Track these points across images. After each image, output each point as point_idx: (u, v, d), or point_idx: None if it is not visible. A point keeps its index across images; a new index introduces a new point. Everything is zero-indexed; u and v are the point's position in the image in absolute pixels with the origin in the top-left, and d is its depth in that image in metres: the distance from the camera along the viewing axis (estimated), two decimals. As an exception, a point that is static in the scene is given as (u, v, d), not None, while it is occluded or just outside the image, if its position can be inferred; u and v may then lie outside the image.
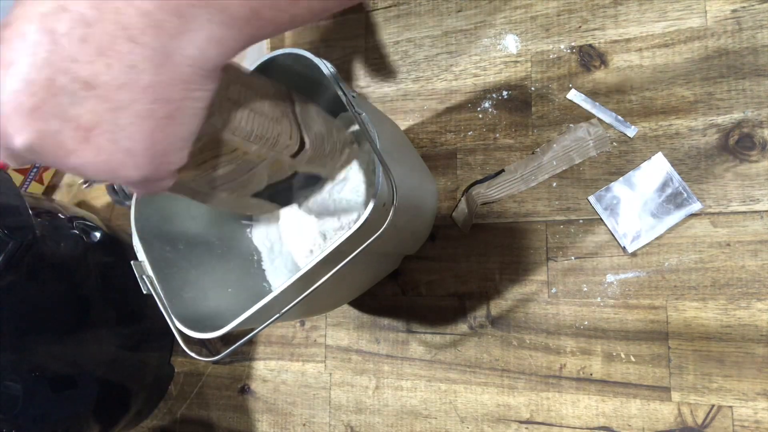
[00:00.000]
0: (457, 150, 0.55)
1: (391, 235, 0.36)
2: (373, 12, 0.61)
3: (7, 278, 0.48)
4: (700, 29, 0.47)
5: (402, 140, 0.50)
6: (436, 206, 0.54)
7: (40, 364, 0.50)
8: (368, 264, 0.46)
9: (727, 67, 0.46)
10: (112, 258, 0.59)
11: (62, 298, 0.53)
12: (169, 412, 0.65)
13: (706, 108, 0.47)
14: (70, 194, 0.75)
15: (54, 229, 0.55)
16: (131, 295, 0.59)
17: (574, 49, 0.51)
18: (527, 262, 0.51)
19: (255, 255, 0.54)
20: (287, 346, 0.60)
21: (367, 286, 0.54)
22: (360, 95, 0.41)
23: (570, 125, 0.50)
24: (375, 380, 0.55)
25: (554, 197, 0.50)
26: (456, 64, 0.56)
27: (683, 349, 0.45)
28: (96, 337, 0.55)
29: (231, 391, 0.62)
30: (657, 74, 0.48)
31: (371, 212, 0.34)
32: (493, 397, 0.50)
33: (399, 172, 0.38)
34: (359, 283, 0.51)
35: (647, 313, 0.46)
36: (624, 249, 0.47)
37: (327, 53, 0.62)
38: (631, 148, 0.48)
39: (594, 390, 0.47)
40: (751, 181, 0.45)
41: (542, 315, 0.49)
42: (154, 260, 0.43)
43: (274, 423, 0.59)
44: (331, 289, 0.39)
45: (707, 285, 0.45)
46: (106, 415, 0.59)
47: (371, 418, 0.55)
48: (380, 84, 0.59)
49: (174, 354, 0.65)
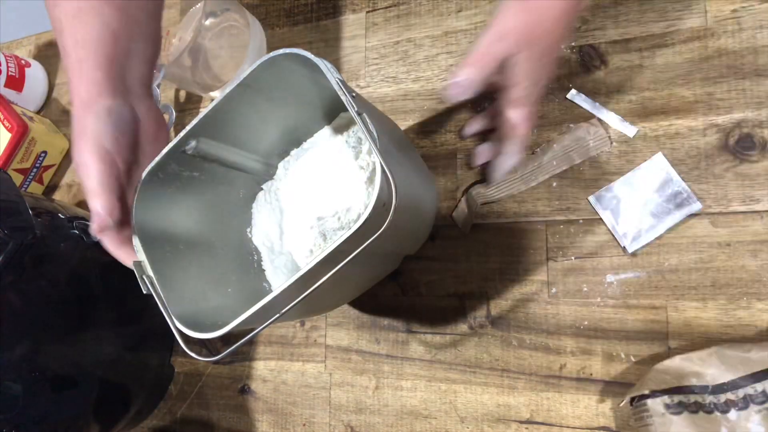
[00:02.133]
0: (457, 150, 0.54)
1: (391, 235, 0.36)
2: (373, 12, 0.61)
3: (7, 278, 0.48)
4: (700, 29, 0.47)
5: (402, 140, 0.50)
6: (436, 206, 0.54)
7: (40, 364, 0.50)
8: (368, 264, 0.46)
9: (727, 67, 0.46)
10: (112, 258, 0.59)
11: (62, 298, 0.53)
12: (169, 412, 0.65)
13: (706, 108, 0.47)
14: (70, 194, 0.75)
15: (54, 229, 0.55)
16: (131, 295, 0.58)
17: (574, 49, 0.51)
18: (527, 262, 0.51)
19: (255, 255, 0.54)
20: (287, 346, 0.60)
21: (368, 286, 0.54)
22: (359, 95, 0.41)
23: (570, 125, 0.50)
24: (375, 380, 0.55)
25: (554, 197, 0.50)
26: (456, 64, 0.56)
27: (683, 349, 0.45)
28: (96, 337, 0.55)
29: (231, 391, 0.62)
30: (657, 74, 0.48)
31: (371, 212, 0.34)
32: (493, 397, 0.50)
33: (399, 172, 0.38)
34: (360, 283, 0.51)
35: (647, 313, 0.46)
36: (624, 249, 0.47)
37: (327, 53, 0.62)
38: (631, 148, 0.48)
39: (594, 390, 0.47)
40: (751, 181, 0.45)
41: (542, 315, 0.49)
42: (154, 260, 0.43)
43: (274, 423, 0.59)
44: (331, 289, 0.39)
45: (707, 285, 0.45)
46: (106, 415, 0.59)
47: (371, 418, 0.55)
48: (380, 84, 0.59)
49: (174, 354, 0.65)
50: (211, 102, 0.43)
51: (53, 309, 0.52)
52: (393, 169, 0.35)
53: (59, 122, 0.78)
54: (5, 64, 0.74)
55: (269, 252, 0.54)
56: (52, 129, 0.76)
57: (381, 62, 0.59)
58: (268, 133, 0.51)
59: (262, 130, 0.50)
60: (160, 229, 0.46)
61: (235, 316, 0.37)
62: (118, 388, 0.59)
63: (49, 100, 0.80)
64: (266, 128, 0.50)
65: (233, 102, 0.43)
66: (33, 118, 0.74)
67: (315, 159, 0.52)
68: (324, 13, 0.63)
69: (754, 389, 0.39)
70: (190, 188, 0.48)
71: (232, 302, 0.49)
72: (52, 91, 0.80)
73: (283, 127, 0.51)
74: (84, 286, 0.55)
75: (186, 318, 0.40)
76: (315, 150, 0.53)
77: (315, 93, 0.47)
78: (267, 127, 0.50)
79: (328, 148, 0.52)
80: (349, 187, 0.49)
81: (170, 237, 0.47)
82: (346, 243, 0.35)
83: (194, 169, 0.47)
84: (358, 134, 0.51)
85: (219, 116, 0.43)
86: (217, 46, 0.63)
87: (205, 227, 0.51)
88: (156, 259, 0.43)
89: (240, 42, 0.63)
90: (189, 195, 0.48)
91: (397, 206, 0.34)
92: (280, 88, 0.44)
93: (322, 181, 0.51)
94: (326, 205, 0.50)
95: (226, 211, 0.53)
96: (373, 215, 0.34)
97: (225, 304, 0.48)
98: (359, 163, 0.49)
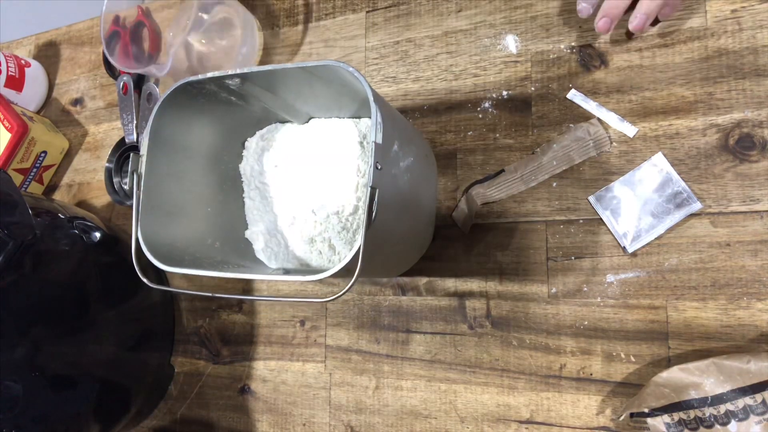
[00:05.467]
0: (457, 150, 0.55)
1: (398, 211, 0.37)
2: (373, 12, 0.61)
3: (7, 278, 0.48)
4: (700, 29, 0.47)
5: (413, 132, 0.51)
6: (435, 206, 0.54)
7: (40, 364, 0.50)
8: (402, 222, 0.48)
9: (727, 67, 0.46)
10: (112, 258, 0.59)
11: (62, 298, 0.53)
12: (169, 412, 0.65)
13: (706, 108, 0.47)
14: (70, 194, 0.75)
15: (54, 229, 0.55)
16: (131, 295, 0.59)
17: (574, 49, 0.51)
18: (527, 262, 0.51)
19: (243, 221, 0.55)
20: (287, 346, 0.60)
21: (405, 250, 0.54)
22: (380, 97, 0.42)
23: (570, 125, 0.50)
24: (375, 380, 0.55)
25: (554, 197, 0.50)
26: (456, 64, 0.56)
27: (683, 349, 0.45)
28: (96, 337, 0.55)
29: (231, 391, 0.62)
30: (657, 74, 0.48)
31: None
32: (493, 397, 0.50)
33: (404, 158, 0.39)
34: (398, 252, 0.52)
35: (647, 313, 0.46)
36: (624, 249, 0.47)
37: (327, 53, 0.62)
38: (631, 148, 0.48)
39: (594, 390, 0.47)
40: (751, 181, 0.45)
41: (542, 315, 0.49)
42: (155, 169, 0.47)
43: (274, 423, 0.59)
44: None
45: (707, 285, 0.45)
46: (106, 415, 0.59)
47: (371, 418, 0.55)
48: (380, 84, 0.59)
49: (174, 354, 0.65)
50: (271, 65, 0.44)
51: (53, 309, 0.52)
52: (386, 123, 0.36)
53: (59, 122, 0.78)
54: (5, 64, 0.74)
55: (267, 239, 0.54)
56: (52, 129, 0.76)
57: (381, 62, 0.59)
58: (308, 104, 0.52)
59: (309, 95, 0.51)
60: (174, 137, 0.48)
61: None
62: (118, 388, 0.59)
63: (49, 100, 0.80)
64: (311, 97, 0.51)
65: (289, 76, 0.45)
66: (33, 118, 0.74)
67: (317, 143, 0.53)
68: (324, 13, 0.63)
69: (753, 400, 0.39)
70: (218, 111, 0.51)
71: (214, 252, 0.51)
72: (52, 91, 0.80)
73: (321, 104, 0.52)
74: (84, 286, 0.55)
75: (156, 247, 0.41)
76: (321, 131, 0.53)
77: (349, 93, 0.48)
78: (311, 97, 0.51)
79: (336, 132, 0.52)
80: (343, 178, 0.49)
81: (181, 148, 0.49)
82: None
83: (232, 94, 0.49)
84: (359, 126, 0.51)
85: (272, 76, 0.45)
86: (210, 40, 0.63)
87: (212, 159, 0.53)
88: (156, 170, 0.46)
89: (233, 35, 0.63)
90: (212, 117, 0.51)
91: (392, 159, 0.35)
92: (329, 78, 0.46)
93: (319, 170, 0.51)
94: (322, 193, 0.50)
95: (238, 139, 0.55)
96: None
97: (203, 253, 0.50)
98: (358, 162, 0.49)
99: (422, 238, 0.52)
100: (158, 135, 0.47)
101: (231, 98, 0.50)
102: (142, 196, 0.45)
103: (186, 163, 0.51)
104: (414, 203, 0.47)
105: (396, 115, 0.46)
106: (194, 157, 0.52)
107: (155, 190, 0.47)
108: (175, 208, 0.49)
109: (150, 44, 0.65)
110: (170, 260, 0.43)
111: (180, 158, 0.50)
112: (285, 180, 0.53)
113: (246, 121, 0.54)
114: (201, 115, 0.50)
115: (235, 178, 0.55)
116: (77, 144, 0.76)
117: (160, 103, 0.46)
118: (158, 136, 0.47)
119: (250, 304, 0.62)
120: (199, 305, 0.65)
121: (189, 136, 0.50)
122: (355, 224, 0.49)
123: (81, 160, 0.75)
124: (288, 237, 0.52)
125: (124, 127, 0.69)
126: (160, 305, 0.64)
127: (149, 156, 0.46)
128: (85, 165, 0.75)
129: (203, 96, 0.48)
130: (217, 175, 0.54)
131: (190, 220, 0.50)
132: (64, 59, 0.80)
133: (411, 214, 0.48)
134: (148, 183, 0.46)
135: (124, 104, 0.69)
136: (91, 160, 0.74)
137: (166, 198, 0.48)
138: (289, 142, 0.54)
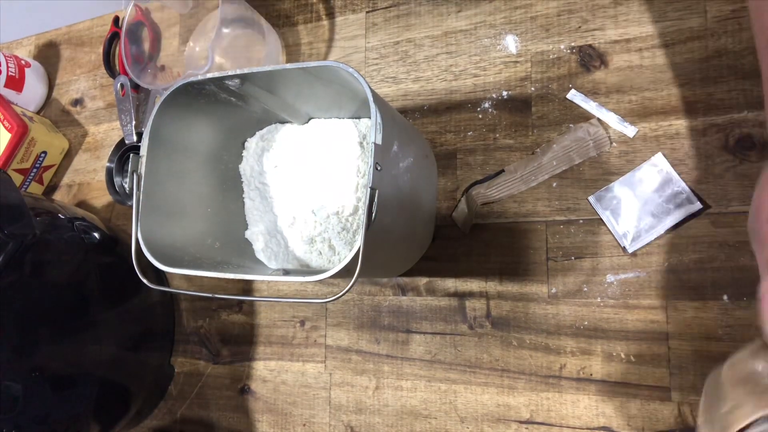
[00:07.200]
0: (457, 150, 0.55)
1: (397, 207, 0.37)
2: (373, 12, 0.61)
3: (7, 278, 0.48)
4: (700, 29, 0.47)
5: (413, 133, 0.51)
6: (435, 206, 0.54)
7: (40, 364, 0.50)
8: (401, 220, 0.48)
9: (727, 67, 0.46)
10: (112, 258, 0.59)
11: (62, 298, 0.53)
12: (169, 412, 0.65)
13: (706, 108, 0.47)
14: (70, 194, 0.75)
15: (54, 229, 0.55)
16: (131, 296, 0.59)
17: (574, 49, 0.51)
18: (527, 262, 0.51)
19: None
20: (287, 346, 0.60)
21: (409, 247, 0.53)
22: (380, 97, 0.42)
23: (570, 125, 0.50)
24: (375, 380, 0.55)
25: (554, 197, 0.50)
26: (456, 64, 0.56)
27: (683, 349, 0.45)
28: (96, 337, 0.55)
29: (231, 391, 0.62)
30: (657, 74, 0.48)
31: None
32: (493, 397, 0.50)
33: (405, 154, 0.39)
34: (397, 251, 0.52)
35: (647, 313, 0.46)
36: (624, 249, 0.47)
37: (327, 53, 0.62)
38: (631, 148, 0.48)
39: (594, 390, 0.47)
40: (751, 181, 0.45)
41: (542, 315, 0.49)
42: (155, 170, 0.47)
43: (274, 423, 0.59)
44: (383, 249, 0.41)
45: (707, 285, 0.45)
46: (106, 415, 0.59)
47: (371, 418, 0.55)
48: (380, 84, 0.59)
49: (174, 354, 0.65)
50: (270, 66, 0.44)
51: (53, 309, 0.52)
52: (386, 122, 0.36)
53: (59, 122, 0.78)
54: (5, 64, 0.74)
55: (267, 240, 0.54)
56: (52, 129, 0.76)
57: (381, 62, 0.59)
58: (308, 104, 0.52)
59: (309, 96, 0.51)
60: (174, 137, 0.48)
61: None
62: (118, 388, 0.59)
63: (49, 100, 0.80)
64: (311, 97, 0.51)
65: (288, 76, 0.45)
66: (33, 118, 0.74)
67: (318, 144, 0.53)
68: (324, 13, 0.63)
69: None
70: (218, 112, 0.51)
71: (214, 254, 0.51)
72: (52, 91, 0.80)
73: (321, 105, 0.52)
74: (84, 286, 0.55)
75: (156, 247, 0.41)
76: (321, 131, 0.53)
77: (349, 93, 0.48)
78: (311, 98, 0.51)
79: (334, 132, 0.52)
80: (342, 178, 0.49)
81: (181, 148, 0.49)
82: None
83: (232, 95, 0.49)
84: (359, 127, 0.51)
85: (272, 76, 0.46)
86: (233, 53, 0.63)
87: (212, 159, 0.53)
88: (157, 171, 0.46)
89: (256, 48, 0.62)
90: (212, 118, 0.51)
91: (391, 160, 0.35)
92: (329, 79, 0.46)
93: (319, 169, 0.51)
94: (322, 193, 0.50)
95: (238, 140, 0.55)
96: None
97: (203, 253, 0.50)
98: (358, 162, 0.49)
99: (422, 238, 0.52)
100: (158, 135, 0.47)
101: (231, 99, 0.50)
102: (142, 197, 0.45)
103: (186, 163, 0.51)
104: (414, 203, 0.47)
105: (396, 115, 0.46)
106: (194, 158, 0.52)
107: (155, 190, 0.47)
108: (175, 209, 0.49)
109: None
110: (170, 261, 0.43)
111: (180, 158, 0.50)
112: (285, 180, 0.53)
113: (246, 121, 0.54)
114: (201, 115, 0.50)
115: (235, 179, 0.55)
116: (77, 144, 0.76)
117: (160, 104, 0.46)
118: (158, 136, 0.47)
119: (250, 304, 0.62)
120: (199, 305, 0.65)
121: (189, 137, 0.51)
122: (355, 225, 0.49)
123: (81, 161, 0.75)
124: (288, 237, 0.52)
125: (123, 128, 0.69)
126: (159, 305, 0.64)
127: (149, 156, 0.46)
128: (85, 165, 0.75)
129: (203, 96, 0.48)
130: (217, 175, 0.54)
131: (190, 220, 0.50)
132: (64, 59, 0.80)
133: (411, 214, 0.48)
134: (148, 183, 0.46)
135: (122, 105, 0.69)
136: (91, 161, 0.74)
137: (166, 198, 0.48)
138: (289, 143, 0.54)
